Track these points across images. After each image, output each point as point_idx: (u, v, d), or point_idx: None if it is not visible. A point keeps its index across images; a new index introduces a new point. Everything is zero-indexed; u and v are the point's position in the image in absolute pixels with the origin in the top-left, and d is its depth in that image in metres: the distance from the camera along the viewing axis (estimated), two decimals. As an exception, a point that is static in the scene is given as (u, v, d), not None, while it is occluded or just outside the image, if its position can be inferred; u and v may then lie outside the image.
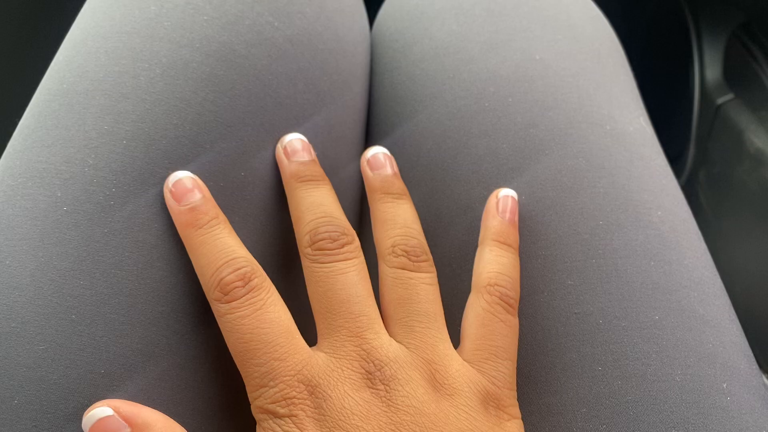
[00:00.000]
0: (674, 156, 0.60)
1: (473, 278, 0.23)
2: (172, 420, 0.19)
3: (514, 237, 0.24)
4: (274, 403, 0.18)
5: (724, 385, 0.21)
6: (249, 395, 0.19)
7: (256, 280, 0.20)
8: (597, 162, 0.25)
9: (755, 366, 0.23)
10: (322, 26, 0.27)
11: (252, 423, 0.20)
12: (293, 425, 0.18)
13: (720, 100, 0.51)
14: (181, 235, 0.21)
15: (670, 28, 0.59)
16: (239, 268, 0.20)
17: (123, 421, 0.18)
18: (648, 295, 0.22)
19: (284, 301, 0.20)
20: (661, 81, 0.63)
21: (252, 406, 0.19)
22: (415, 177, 0.27)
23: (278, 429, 0.18)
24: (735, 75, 0.52)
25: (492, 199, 0.24)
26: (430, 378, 0.19)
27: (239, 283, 0.19)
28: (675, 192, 0.26)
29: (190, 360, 0.21)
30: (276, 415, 0.18)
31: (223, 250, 0.20)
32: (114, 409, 0.18)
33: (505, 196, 0.24)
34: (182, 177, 0.21)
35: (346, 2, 0.30)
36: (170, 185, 0.21)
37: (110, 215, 0.20)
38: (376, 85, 0.32)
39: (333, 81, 0.27)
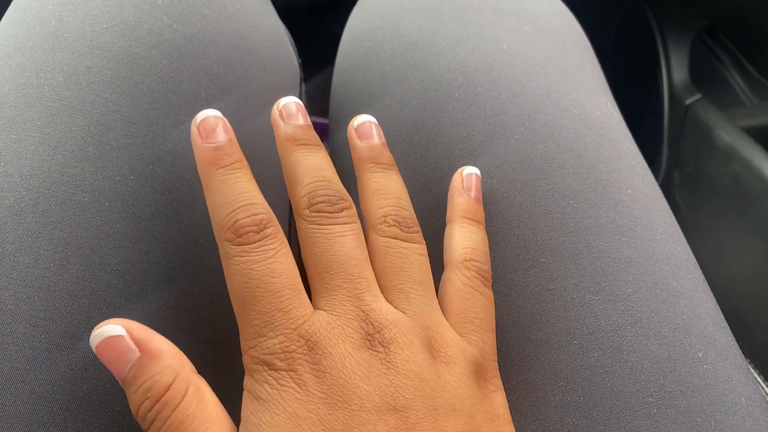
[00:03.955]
0: (649, 159, 0.62)
1: (446, 254, 0.23)
2: (182, 352, 0.18)
3: (480, 213, 0.24)
4: (272, 354, 0.18)
5: (700, 354, 0.21)
6: (243, 344, 0.18)
7: (271, 228, 0.19)
8: (566, 144, 0.25)
9: (731, 337, 0.23)
10: (224, 25, 0.28)
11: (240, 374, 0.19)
12: (291, 380, 0.17)
13: (688, 101, 0.52)
14: (200, 174, 0.21)
15: (637, 35, 0.61)
16: (256, 214, 0.19)
17: (133, 345, 0.17)
18: (620, 269, 0.22)
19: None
20: (632, 87, 0.64)
21: (244, 356, 0.18)
22: None
23: (274, 383, 0.17)
24: (701, 75, 0.54)
25: (457, 177, 0.25)
26: (428, 344, 0.19)
27: (254, 228, 0.19)
28: (644, 172, 0.27)
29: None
30: (273, 368, 0.17)
31: (243, 194, 0.20)
32: (127, 330, 0.17)
33: (469, 174, 0.25)
34: (209, 116, 0.21)
35: (248, 1, 0.31)
36: (198, 122, 0.21)
37: (23, 217, 0.20)
38: (349, 83, 0.33)
39: (239, 74, 0.28)
